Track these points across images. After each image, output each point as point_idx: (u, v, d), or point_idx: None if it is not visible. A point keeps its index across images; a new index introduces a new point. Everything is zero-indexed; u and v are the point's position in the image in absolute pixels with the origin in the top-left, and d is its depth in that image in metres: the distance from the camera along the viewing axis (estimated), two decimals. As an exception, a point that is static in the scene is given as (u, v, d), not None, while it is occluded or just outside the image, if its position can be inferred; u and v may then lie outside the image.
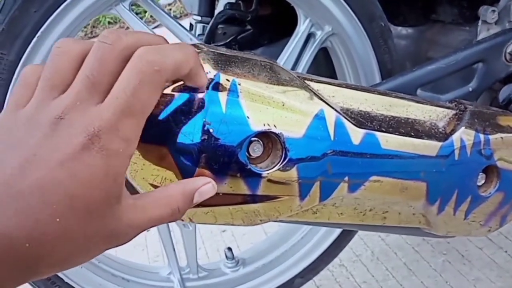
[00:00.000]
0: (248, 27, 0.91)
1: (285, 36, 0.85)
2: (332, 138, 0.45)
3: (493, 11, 0.71)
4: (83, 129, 0.30)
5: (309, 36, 0.80)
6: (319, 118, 0.44)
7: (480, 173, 0.56)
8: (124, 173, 0.32)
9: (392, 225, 0.54)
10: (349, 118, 0.47)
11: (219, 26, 0.90)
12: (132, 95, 0.31)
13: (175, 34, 0.71)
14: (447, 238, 1.10)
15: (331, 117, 0.45)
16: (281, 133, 0.42)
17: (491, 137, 0.56)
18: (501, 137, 0.57)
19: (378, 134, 0.48)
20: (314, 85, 0.47)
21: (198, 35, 0.88)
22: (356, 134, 0.46)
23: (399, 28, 1.02)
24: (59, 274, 0.74)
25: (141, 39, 0.33)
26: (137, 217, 0.33)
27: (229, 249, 0.92)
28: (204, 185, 0.37)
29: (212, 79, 0.39)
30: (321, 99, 0.46)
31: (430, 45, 0.96)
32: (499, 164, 0.56)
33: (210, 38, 0.82)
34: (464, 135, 0.53)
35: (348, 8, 0.75)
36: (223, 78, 0.39)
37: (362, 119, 0.48)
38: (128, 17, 0.65)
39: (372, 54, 0.80)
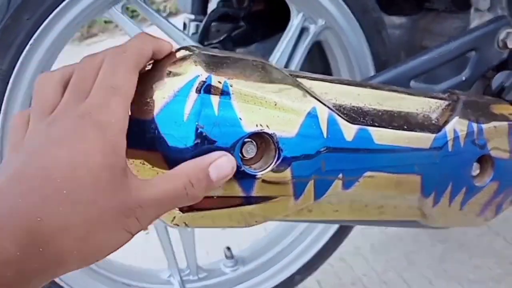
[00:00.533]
0: (242, 23, 0.90)
1: (279, 31, 0.85)
2: (325, 135, 0.45)
3: (485, -2, 0.71)
4: (75, 115, 0.33)
5: (303, 30, 0.80)
6: (312, 116, 0.44)
7: (475, 163, 0.56)
8: (122, 147, 0.34)
9: (389, 219, 0.55)
10: (341, 115, 0.47)
11: (213, 23, 0.90)
12: (110, 77, 0.35)
13: (168, 34, 0.71)
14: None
15: (323, 114, 0.45)
16: (274, 133, 0.42)
17: (484, 126, 0.56)
18: (495, 126, 0.57)
19: (371, 129, 0.48)
20: (306, 83, 0.47)
21: (192, 33, 0.88)
22: (349, 130, 0.47)
23: (393, 17, 1.02)
24: (59, 282, 0.73)
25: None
26: (147, 191, 0.34)
27: (228, 248, 0.92)
28: (219, 158, 0.37)
29: (204, 81, 0.39)
30: (314, 97, 0.46)
31: (425, 34, 0.96)
32: (493, 153, 0.56)
33: (204, 36, 0.82)
34: (457, 126, 0.54)
35: (341, 1, 0.75)
36: (215, 80, 0.39)
37: (355, 115, 0.49)
38: (121, 19, 0.65)
39: (366, 46, 0.80)
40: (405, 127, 0.51)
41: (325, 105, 0.46)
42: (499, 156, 0.57)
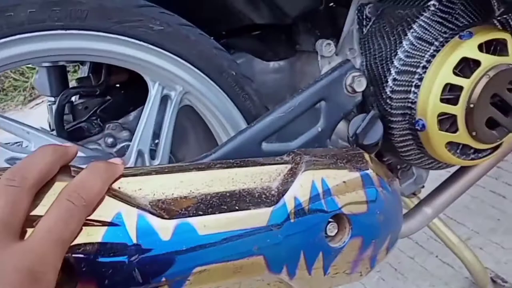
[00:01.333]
0: (108, 97, 0.86)
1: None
2: (134, 241, 0.41)
3: (328, 44, 0.70)
4: (14, 267, 0.30)
5: (166, 97, 0.77)
6: (116, 223, 0.40)
7: (332, 223, 0.53)
8: None
9: (251, 299, 0.51)
10: (156, 211, 0.43)
11: (79, 101, 0.86)
12: (65, 227, 0.34)
13: (9, 130, 0.66)
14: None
15: (131, 218, 0.41)
16: (68, 255, 0.37)
17: (331, 185, 0.52)
18: (344, 181, 0.54)
19: (194, 220, 0.44)
20: (114, 184, 0.43)
21: (55, 117, 0.83)
22: (166, 228, 0.42)
23: (271, 63, 1.01)
24: None
25: (44, 171, 0.35)
26: None
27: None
28: None
29: None
30: (120, 200, 0.42)
31: (301, 76, 0.95)
32: (346, 210, 0.53)
33: (59, 121, 0.77)
34: (296, 192, 0.50)
35: (192, 67, 0.73)
36: None
37: (174, 208, 0.45)
38: None
39: (231, 104, 0.78)
40: (237, 207, 0.47)
41: (133, 206, 0.42)
42: (354, 212, 0.54)
